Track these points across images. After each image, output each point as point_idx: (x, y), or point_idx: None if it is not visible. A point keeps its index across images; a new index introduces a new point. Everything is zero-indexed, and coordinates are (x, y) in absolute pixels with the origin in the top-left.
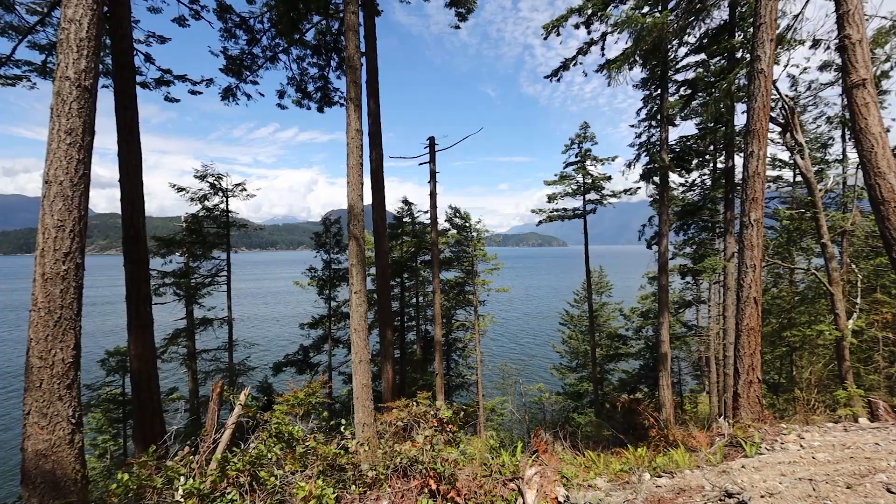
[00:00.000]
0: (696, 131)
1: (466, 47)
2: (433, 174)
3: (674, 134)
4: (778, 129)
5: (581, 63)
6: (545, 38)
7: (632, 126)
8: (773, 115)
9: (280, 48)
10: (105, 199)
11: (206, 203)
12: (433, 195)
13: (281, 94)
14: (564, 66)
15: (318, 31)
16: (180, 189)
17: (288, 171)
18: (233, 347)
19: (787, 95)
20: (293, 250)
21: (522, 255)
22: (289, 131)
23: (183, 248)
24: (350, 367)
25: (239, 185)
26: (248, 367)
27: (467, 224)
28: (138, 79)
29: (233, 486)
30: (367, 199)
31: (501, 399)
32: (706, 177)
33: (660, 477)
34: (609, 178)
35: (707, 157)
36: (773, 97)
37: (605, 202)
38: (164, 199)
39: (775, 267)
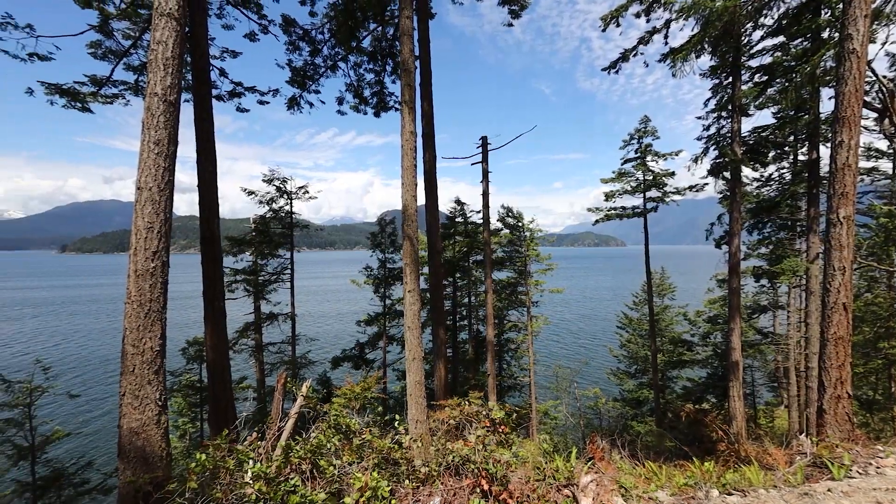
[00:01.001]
0: (774, 121)
1: (520, 44)
2: (485, 174)
3: (747, 125)
4: (873, 115)
5: (642, 53)
6: (603, 30)
7: (699, 118)
8: (867, 99)
9: (339, 56)
10: (185, 203)
11: (273, 205)
12: (485, 195)
13: (340, 101)
14: (624, 57)
15: (374, 38)
16: (250, 192)
17: (345, 173)
18: (295, 341)
19: (884, 77)
20: (350, 250)
21: (578, 255)
22: (347, 135)
23: (252, 248)
24: (404, 364)
25: (302, 187)
26: (309, 360)
27: (520, 224)
28: (214, 92)
29: (295, 472)
30: (421, 199)
31: (555, 402)
32: (785, 170)
33: (730, 495)
34: (672, 174)
35: (786, 148)
36: (867, 79)
37: (667, 200)
38: (235, 201)
39: (869, 270)
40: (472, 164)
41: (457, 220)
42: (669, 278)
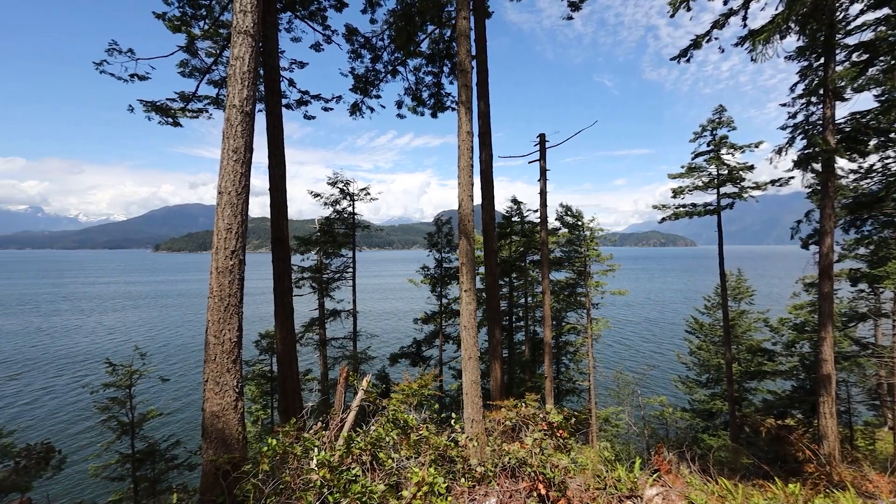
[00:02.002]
0: (876, 104)
1: (581, 37)
2: (543, 172)
3: (842, 110)
4: None
5: (716, 38)
6: (672, 16)
7: (783, 105)
8: None
9: (398, 61)
10: (257, 205)
11: (336, 206)
12: (543, 193)
13: (399, 105)
14: (695, 44)
15: (432, 41)
16: (316, 195)
17: (403, 174)
18: (357, 337)
19: None
20: (407, 249)
21: (642, 255)
22: (405, 137)
23: (317, 247)
24: (460, 363)
25: (363, 189)
26: (368, 355)
27: (579, 222)
28: (283, 101)
29: (356, 462)
30: (477, 199)
31: (616, 409)
32: (891, 160)
33: None
34: (751, 167)
35: (892, 135)
36: None
37: (745, 195)
38: (301, 203)
39: None
40: (530, 163)
41: (513, 219)
42: (747, 281)
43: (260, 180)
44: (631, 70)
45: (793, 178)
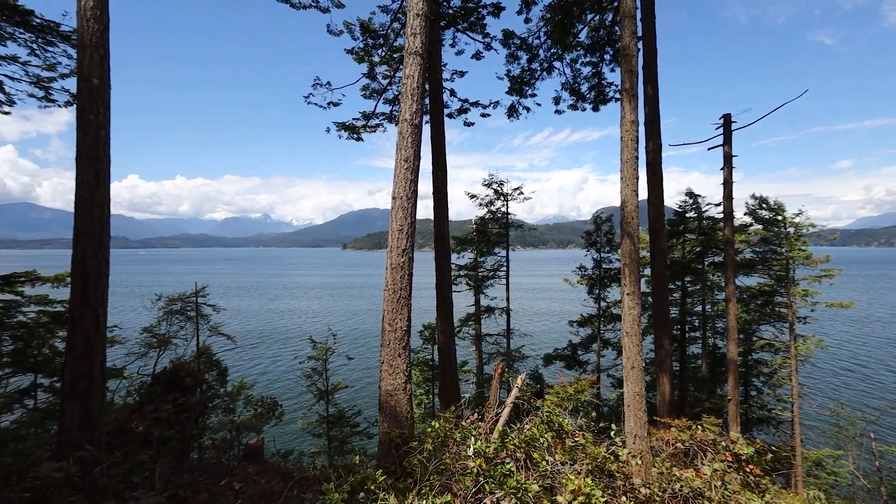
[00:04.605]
0: None
1: None
2: (728, 158)
3: None
4: None
5: None
6: None
7: None
8: None
9: (554, 56)
10: (421, 207)
11: (491, 207)
12: (727, 183)
13: (556, 101)
14: None
15: (591, 29)
16: (472, 196)
17: (559, 172)
18: (510, 335)
19: None
20: (562, 249)
21: (881, 258)
22: (561, 134)
23: (472, 246)
24: (619, 372)
25: (517, 189)
26: (522, 354)
27: (779, 217)
28: (445, 111)
29: (510, 458)
30: (643, 194)
31: (834, 453)
32: None
33: None
34: None
35: None
36: None
37: None
38: (459, 205)
39: None
40: (710, 149)
41: (688, 214)
42: None
43: (423, 185)
44: (865, 17)
45: None
